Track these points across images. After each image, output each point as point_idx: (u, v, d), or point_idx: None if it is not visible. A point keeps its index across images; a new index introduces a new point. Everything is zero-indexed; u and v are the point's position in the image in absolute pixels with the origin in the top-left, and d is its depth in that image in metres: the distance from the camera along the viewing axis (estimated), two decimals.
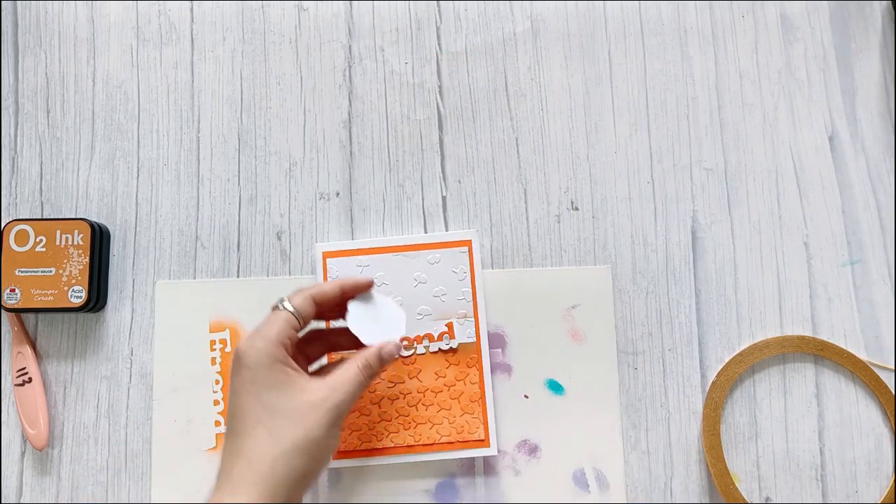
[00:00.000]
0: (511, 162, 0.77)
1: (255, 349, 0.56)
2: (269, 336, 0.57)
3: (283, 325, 0.58)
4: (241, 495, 0.52)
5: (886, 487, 0.72)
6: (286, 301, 0.60)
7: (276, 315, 0.59)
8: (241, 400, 0.56)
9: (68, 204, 0.76)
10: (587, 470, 0.71)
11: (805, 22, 0.79)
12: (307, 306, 0.60)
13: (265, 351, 0.56)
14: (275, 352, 0.56)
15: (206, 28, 0.79)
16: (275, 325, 0.58)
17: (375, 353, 0.61)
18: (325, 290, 0.62)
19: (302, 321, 0.59)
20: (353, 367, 0.59)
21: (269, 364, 0.56)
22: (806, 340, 0.73)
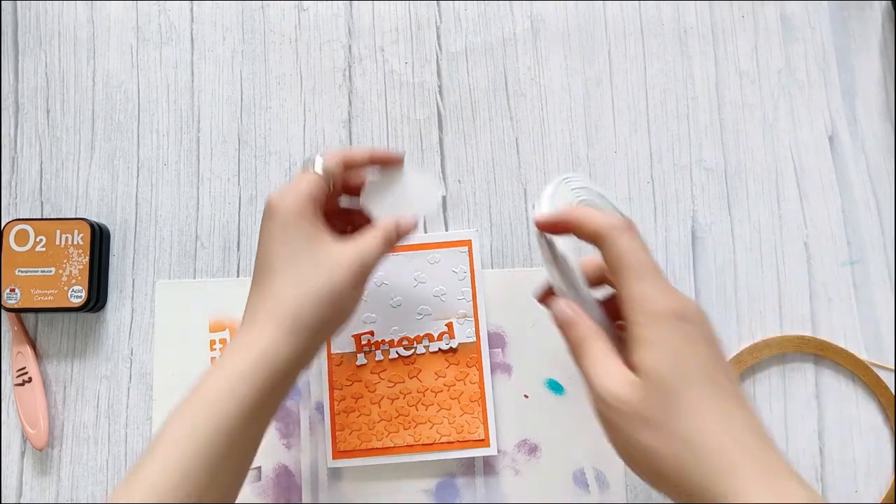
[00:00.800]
0: (511, 162, 0.77)
1: (285, 202, 0.56)
2: (300, 191, 0.57)
3: (313, 185, 0.58)
4: (267, 331, 0.53)
5: (886, 487, 0.72)
6: (317, 162, 0.60)
7: (306, 175, 0.59)
8: (270, 247, 0.56)
9: (68, 204, 0.76)
10: (587, 470, 0.71)
11: (805, 22, 0.79)
12: (335, 168, 0.60)
13: (295, 204, 0.56)
14: (304, 207, 0.56)
15: (206, 28, 0.79)
16: (304, 183, 0.58)
17: (393, 222, 0.60)
18: (354, 155, 0.62)
19: (332, 184, 0.60)
20: (374, 232, 0.59)
21: (298, 216, 0.56)
22: (806, 340, 0.73)
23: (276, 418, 0.72)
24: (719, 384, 0.46)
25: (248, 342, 0.54)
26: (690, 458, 0.44)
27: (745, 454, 0.44)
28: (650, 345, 0.46)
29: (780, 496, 0.42)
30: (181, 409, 0.51)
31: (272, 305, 0.55)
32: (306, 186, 0.57)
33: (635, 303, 0.47)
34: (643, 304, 0.47)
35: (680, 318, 0.46)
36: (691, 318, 0.47)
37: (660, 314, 0.47)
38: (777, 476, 0.43)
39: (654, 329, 0.46)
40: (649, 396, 0.45)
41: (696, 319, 0.47)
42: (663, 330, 0.46)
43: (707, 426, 0.44)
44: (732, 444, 0.44)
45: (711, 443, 0.44)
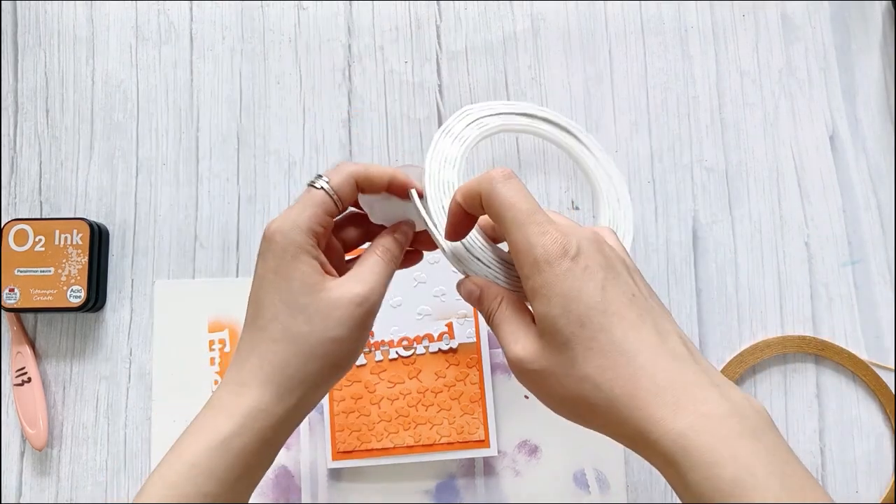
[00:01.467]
0: (511, 162, 0.77)
1: (283, 235, 0.49)
2: (300, 222, 0.50)
3: (317, 210, 0.50)
4: (250, 393, 0.49)
5: (886, 487, 0.72)
6: (324, 179, 0.51)
7: (310, 195, 0.51)
8: (261, 290, 0.50)
9: (67, 203, 0.76)
10: (588, 470, 0.71)
11: (806, 21, 0.79)
12: (347, 188, 0.52)
13: (293, 238, 0.49)
14: (303, 241, 0.50)
15: (206, 27, 0.78)
16: (307, 209, 0.50)
17: (389, 236, 0.54)
18: (372, 175, 0.53)
19: (340, 205, 0.52)
20: (371, 255, 0.52)
21: (294, 253, 0.49)
22: (807, 341, 0.73)
23: None
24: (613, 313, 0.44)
25: (233, 402, 0.49)
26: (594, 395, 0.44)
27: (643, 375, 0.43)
28: (538, 295, 0.45)
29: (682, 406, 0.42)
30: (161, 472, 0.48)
31: (258, 363, 0.49)
32: (307, 216, 0.50)
33: (520, 254, 0.46)
34: (527, 254, 0.45)
35: (564, 256, 0.44)
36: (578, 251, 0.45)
37: (542, 259, 0.44)
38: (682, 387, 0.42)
39: (539, 277, 0.45)
40: (546, 348, 0.45)
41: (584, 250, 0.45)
42: (548, 275, 0.44)
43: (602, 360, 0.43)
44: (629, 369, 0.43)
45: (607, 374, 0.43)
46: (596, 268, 0.45)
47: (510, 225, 0.46)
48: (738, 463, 0.40)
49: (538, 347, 0.46)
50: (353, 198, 0.53)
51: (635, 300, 0.45)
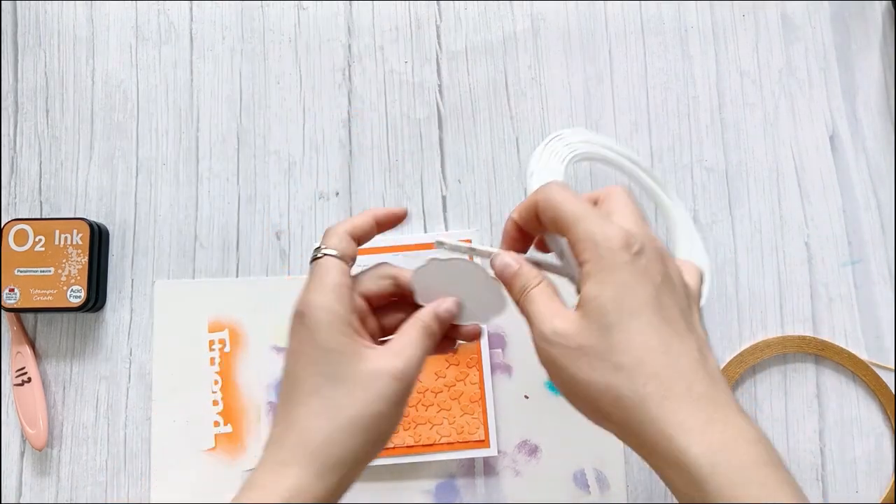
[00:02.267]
0: (511, 162, 0.77)
1: (314, 307, 0.48)
2: (327, 290, 0.49)
3: (336, 274, 0.50)
4: (291, 473, 0.47)
5: (886, 487, 0.72)
6: (323, 247, 0.51)
7: (322, 267, 0.50)
8: (297, 364, 0.49)
9: (67, 203, 0.76)
10: (588, 470, 0.71)
11: (806, 21, 0.79)
12: (346, 245, 0.51)
13: (327, 307, 0.48)
14: (339, 312, 0.48)
15: (206, 27, 0.78)
16: (328, 276, 0.49)
17: (430, 312, 0.52)
18: (357, 224, 0.53)
19: (349, 262, 0.51)
20: (411, 330, 0.50)
21: (330, 322, 0.48)
22: (807, 341, 0.73)
23: None
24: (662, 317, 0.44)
25: (274, 483, 0.47)
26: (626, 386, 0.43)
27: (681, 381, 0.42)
28: (592, 278, 0.45)
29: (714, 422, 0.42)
30: None
31: (298, 440, 0.47)
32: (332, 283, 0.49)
33: (580, 242, 0.45)
34: (588, 241, 0.45)
35: (626, 249, 0.44)
36: (641, 250, 0.44)
37: (604, 245, 0.44)
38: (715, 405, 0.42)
39: (598, 263, 0.44)
40: (588, 328, 0.44)
41: (647, 252, 0.45)
42: (608, 263, 0.44)
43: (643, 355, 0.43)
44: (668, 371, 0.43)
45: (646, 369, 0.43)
46: (655, 273, 0.45)
47: (571, 220, 0.46)
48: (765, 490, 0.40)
49: (580, 325, 0.45)
50: (355, 250, 0.52)
51: (685, 316, 0.45)
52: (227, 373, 0.73)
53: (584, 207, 0.46)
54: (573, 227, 0.46)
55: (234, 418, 0.72)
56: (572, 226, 0.46)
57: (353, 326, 0.49)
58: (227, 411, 0.72)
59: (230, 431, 0.72)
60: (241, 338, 0.73)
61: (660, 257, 0.45)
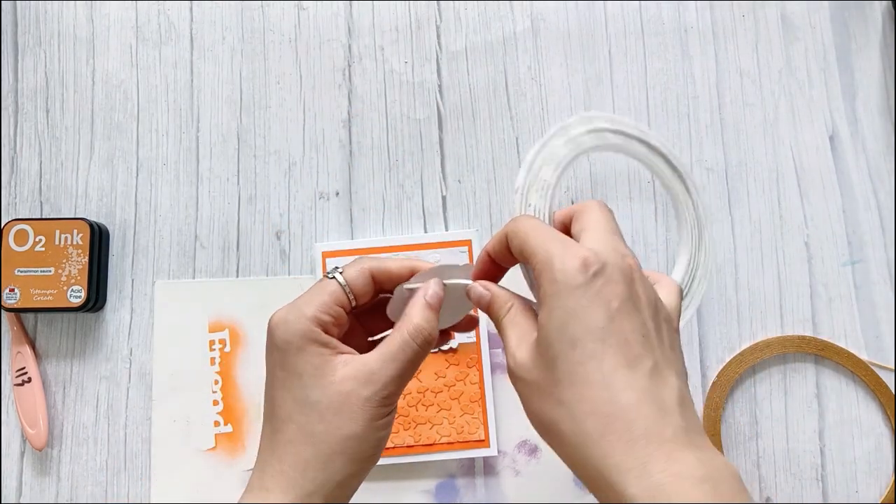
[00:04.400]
0: (511, 162, 0.77)
1: (286, 325, 0.47)
2: (305, 311, 0.48)
3: (326, 299, 0.48)
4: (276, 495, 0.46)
5: (886, 487, 0.72)
6: (339, 270, 0.50)
7: (321, 285, 0.49)
8: (272, 389, 0.49)
9: (68, 203, 0.76)
10: None
11: (805, 21, 0.79)
12: (362, 282, 0.50)
13: (297, 329, 0.47)
14: (308, 330, 0.47)
15: (206, 27, 0.78)
16: (315, 298, 0.48)
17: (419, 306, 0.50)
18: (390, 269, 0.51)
19: (354, 298, 0.50)
20: (398, 335, 0.49)
21: (300, 345, 0.47)
22: (806, 340, 0.73)
23: None
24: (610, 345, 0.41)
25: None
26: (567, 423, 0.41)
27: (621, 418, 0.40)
28: (544, 305, 0.43)
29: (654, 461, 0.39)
30: None
31: (278, 467, 0.47)
32: (315, 305, 0.48)
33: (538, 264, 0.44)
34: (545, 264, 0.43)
35: (582, 271, 0.42)
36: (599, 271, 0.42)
37: (558, 269, 0.42)
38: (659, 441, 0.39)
39: (552, 287, 0.42)
40: (537, 359, 0.43)
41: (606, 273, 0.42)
42: (560, 287, 0.42)
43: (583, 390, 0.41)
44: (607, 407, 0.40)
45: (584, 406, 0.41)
46: (612, 295, 0.42)
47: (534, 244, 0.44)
48: None
49: (532, 358, 0.44)
50: (370, 291, 0.51)
51: (645, 340, 0.42)
52: (228, 373, 0.73)
53: (550, 234, 0.45)
54: (535, 255, 0.44)
55: (234, 418, 0.72)
56: (534, 253, 0.44)
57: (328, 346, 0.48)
58: (227, 411, 0.72)
59: (230, 431, 0.72)
60: (241, 338, 0.73)
61: (623, 278, 0.43)
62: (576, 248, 0.43)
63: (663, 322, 0.45)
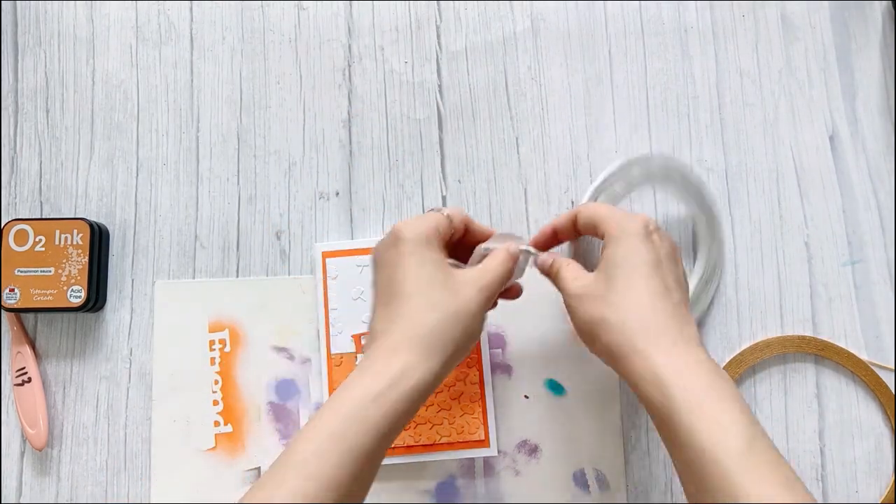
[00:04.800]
0: (511, 162, 0.77)
1: (413, 229, 0.58)
2: (426, 222, 0.60)
3: (439, 220, 0.60)
4: (400, 357, 0.54)
5: (886, 487, 0.72)
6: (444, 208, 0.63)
7: (432, 214, 0.61)
8: (398, 270, 0.58)
9: (68, 203, 0.76)
10: (587, 470, 0.71)
11: (805, 21, 0.79)
12: (460, 222, 0.63)
13: (424, 233, 0.58)
14: (431, 235, 0.59)
15: (206, 27, 0.78)
16: (430, 216, 0.61)
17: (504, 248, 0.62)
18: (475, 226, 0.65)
19: (453, 227, 0.62)
20: (499, 253, 0.61)
21: (426, 243, 0.58)
22: (806, 340, 0.73)
23: (277, 419, 0.72)
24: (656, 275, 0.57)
25: (382, 365, 0.54)
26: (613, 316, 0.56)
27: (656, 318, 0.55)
28: (611, 243, 0.59)
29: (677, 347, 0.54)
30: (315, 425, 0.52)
31: (405, 328, 0.56)
32: (432, 220, 0.60)
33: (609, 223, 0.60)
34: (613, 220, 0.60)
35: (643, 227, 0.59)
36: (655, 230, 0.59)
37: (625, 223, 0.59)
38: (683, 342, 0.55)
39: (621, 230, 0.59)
40: (599, 278, 0.58)
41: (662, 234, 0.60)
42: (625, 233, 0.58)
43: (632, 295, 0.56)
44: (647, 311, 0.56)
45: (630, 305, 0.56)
46: (661, 247, 0.58)
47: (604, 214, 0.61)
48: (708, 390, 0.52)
49: (594, 278, 0.59)
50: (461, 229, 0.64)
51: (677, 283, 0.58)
52: (228, 373, 0.73)
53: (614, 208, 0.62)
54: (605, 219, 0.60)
55: (234, 418, 0.72)
56: (604, 218, 0.60)
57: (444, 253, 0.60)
58: (227, 411, 0.72)
59: (230, 431, 0.72)
60: (241, 338, 0.73)
61: (670, 242, 0.60)
62: (636, 217, 0.59)
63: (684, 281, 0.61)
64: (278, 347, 0.73)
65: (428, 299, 0.56)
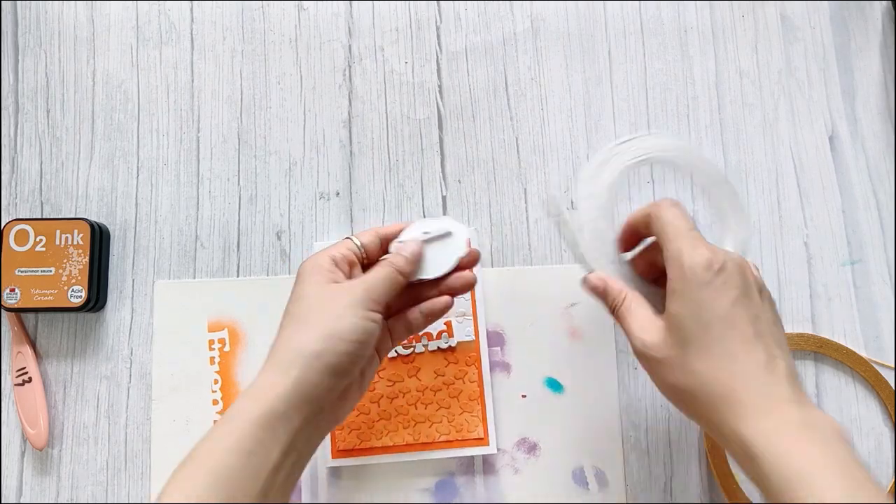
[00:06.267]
0: (511, 162, 0.77)
1: (306, 263, 0.60)
2: (322, 253, 0.61)
3: (340, 246, 0.61)
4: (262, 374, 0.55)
5: (886, 487, 0.72)
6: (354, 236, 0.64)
7: (341, 241, 0.63)
8: (288, 306, 0.59)
9: (68, 204, 0.76)
10: (587, 468, 0.71)
11: (805, 22, 0.79)
12: (370, 238, 0.63)
13: (315, 261, 0.60)
14: (323, 262, 0.60)
15: (206, 28, 0.79)
16: (333, 246, 0.62)
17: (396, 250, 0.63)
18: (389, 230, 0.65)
19: (362, 248, 0.63)
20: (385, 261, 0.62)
21: (314, 271, 0.59)
22: (805, 338, 0.73)
23: None
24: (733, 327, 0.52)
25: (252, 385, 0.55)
26: (699, 388, 0.52)
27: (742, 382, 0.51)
28: (677, 294, 0.53)
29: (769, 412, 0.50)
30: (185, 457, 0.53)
31: (271, 354, 0.57)
32: (331, 249, 0.61)
33: (671, 261, 0.54)
34: (677, 261, 0.54)
35: (707, 269, 0.52)
36: (721, 268, 0.52)
37: (688, 267, 0.53)
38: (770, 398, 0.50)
39: (683, 280, 0.53)
40: (669, 341, 0.53)
41: (729, 269, 0.53)
42: (691, 282, 0.53)
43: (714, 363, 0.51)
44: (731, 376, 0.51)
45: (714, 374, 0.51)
46: (732, 286, 0.52)
47: (670, 237, 0.55)
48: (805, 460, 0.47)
49: (663, 339, 0.54)
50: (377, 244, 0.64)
51: (758, 321, 0.53)
52: (227, 372, 0.73)
53: (684, 229, 0.55)
54: (669, 244, 0.55)
55: None
56: (669, 242, 0.55)
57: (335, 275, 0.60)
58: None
59: None
60: (241, 337, 0.73)
61: (739, 272, 0.53)
62: (702, 249, 0.53)
63: (767, 302, 0.55)
64: None
65: (295, 321, 0.57)
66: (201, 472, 0.51)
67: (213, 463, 0.51)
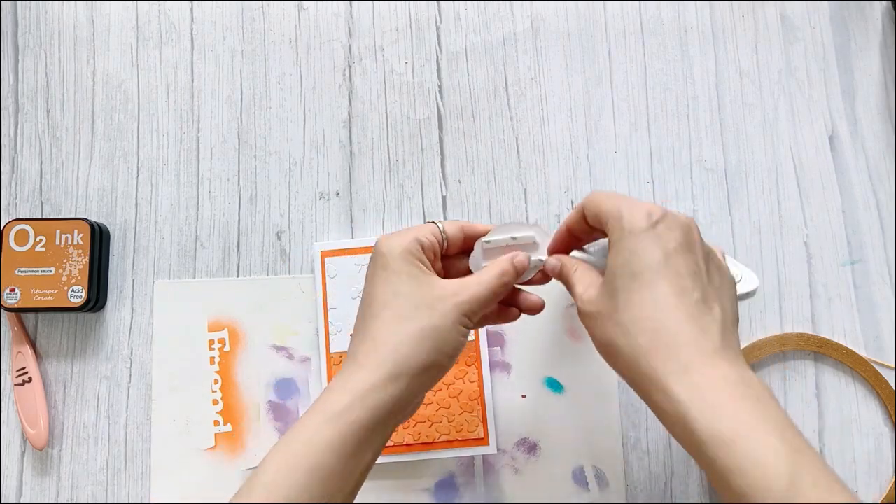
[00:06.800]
0: (511, 162, 0.77)
1: (391, 240, 0.56)
2: (407, 234, 0.57)
3: (425, 230, 0.58)
4: (363, 374, 0.52)
5: (886, 487, 0.72)
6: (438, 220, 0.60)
7: (424, 224, 0.59)
8: (372, 286, 0.56)
9: (68, 203, 0.76)
10: (587, 468, 0.71)
11: (805, 22, 0.79)
12: (455, 230, 0.60)
13: (400, 245, 0.56)
14: (409, 247, 0.56)
15: (206, 28, 0.79)
16: (417, 228, 0.58)
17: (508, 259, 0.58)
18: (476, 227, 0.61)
19: (446, 238, 0.59)
20: (489, 270, 0.57)
21: (402, 257, 0.55)
22: (805, 338, 0.73)
23: (276, 418, 0.72)
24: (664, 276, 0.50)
25: (348, 381, 0.53)
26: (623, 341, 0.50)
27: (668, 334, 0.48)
28: (612, 248, 0.52)
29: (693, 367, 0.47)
30: (279, 448, 0.51)
31: (374, 345, 0.53)
32: (417, 231, 0.57)
33: (611, 217, 0.53)
34: (616, 218, 0.52)
35: (646, 218, 0.51)
36: (660, 219, 0.51)
37: (627, 220, 0.51)
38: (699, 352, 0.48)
39: (619, 233, 0.51)
40: (602, 295, 0.52)
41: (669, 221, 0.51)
42: (626, 232, 0.51)
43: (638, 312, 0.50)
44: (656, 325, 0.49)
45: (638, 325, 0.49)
46: (670, 238, 0.50)
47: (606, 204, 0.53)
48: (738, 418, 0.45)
49: (597, 294, 0.53)
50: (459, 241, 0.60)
51: (695, 276, 0.50)
52: (227, 372, 0.73)
53: (619, 196, 0.54)
54: (608, 212, 0.53)
55: (233, 418, 0.72)
56: (607, 211, 0.53)
57: (424, 263, 0.56)
58: (226, 411, 0.72)
59: (230, 431, 0.72)
60: (240, 337, 0.73)
61: (680, 226, 0.51)
62: (641, 203, 0.52)
63: (714, 267, 0.53)
64: (278, 347, 0.73)
65: (394, 317, 0.54)
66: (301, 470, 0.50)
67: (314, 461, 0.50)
